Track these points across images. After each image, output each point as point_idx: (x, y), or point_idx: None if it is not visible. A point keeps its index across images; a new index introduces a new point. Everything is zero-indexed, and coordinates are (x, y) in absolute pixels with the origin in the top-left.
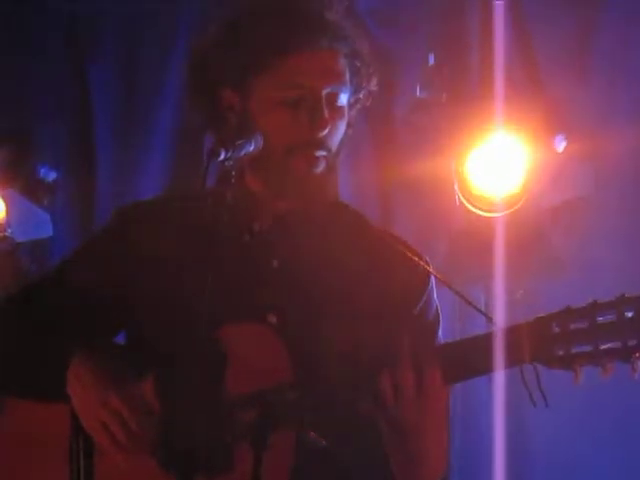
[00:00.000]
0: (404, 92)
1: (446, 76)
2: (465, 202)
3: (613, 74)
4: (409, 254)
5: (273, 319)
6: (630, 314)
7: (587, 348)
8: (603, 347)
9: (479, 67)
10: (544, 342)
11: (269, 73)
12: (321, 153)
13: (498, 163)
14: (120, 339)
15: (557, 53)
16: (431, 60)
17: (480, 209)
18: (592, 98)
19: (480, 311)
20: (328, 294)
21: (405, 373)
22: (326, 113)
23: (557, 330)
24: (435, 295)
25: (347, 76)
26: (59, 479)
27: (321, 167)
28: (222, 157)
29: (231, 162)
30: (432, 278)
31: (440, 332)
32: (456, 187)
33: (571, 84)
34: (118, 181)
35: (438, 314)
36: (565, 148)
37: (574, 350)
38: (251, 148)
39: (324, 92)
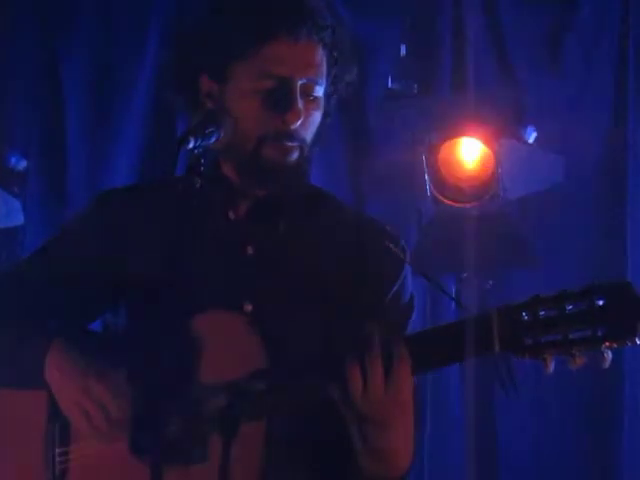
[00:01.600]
0: (376, 82)
1: (417, 67)
2: (436, 192)
3: (584, 64)
4: (385, 239)
5: (248, 307)
6: (600, 303)
7: (557, 337)
8: (573, 336)
9: (450, 58)
10: (513, 331)
11: (246, 62)
12: (294, 143)
13: (469, 153)
14: (96, 327)
15: (528, 43)
16: (403, 51)
17: (451, 199)
18: (563, 89)
19: (451, 297)
20: (303, 281)
21: (374, 360)
22: (300, 104)
23: (526, 319)
24: (410, 281)
25: (324, 67)
26: (35, 466)
27: (294, 157)
28: (191, 145)
29: (200, 150)
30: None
31: (411, 320)
32: (427, 177)
33: (542, 75)
34: (89, 169)
35: (412, 300)
36: (535, 139)
37: (544, 339)
38: (221, 136)
39: (299, 83)
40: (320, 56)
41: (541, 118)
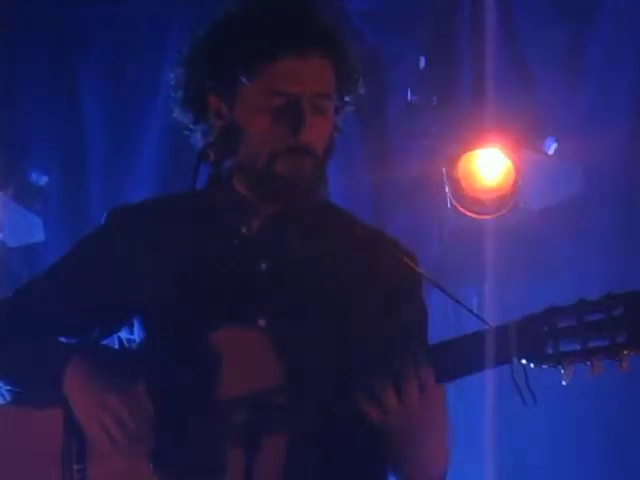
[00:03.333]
0: (395, 95)
1: (437, 79)
2: (457, 205)
3: (603, 75)
4: (399, 254)
5: (262, 322)
6: (618, 311)
7: (576, 346)
8: (592, 345)
9: (470, 70)
10: (533, 341)
11: (254, 79)
12: (306, 158)
13: (489, 165)
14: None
15: (548, 55)
16: (422, 63)
17: (472, 212)
18: (582, 100)
19: (471, 311)
20: (316, 296)
21: (409, 375)
22: (309, 119)
23: (546, 329)
24: (424, 295)
25: (333, 81)
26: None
27: (306, 172)
28: (211, 160)
29: (220, 166)
30: (421, 277)
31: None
32: (447, 190)
33: (561, 86)
34: (109, 185)
35: (426, 314)
36: (555, 150)
37: (563, 348)
38: (237, 153)
39: (309, 98)
40: (328, 70)
41: (560, 129)
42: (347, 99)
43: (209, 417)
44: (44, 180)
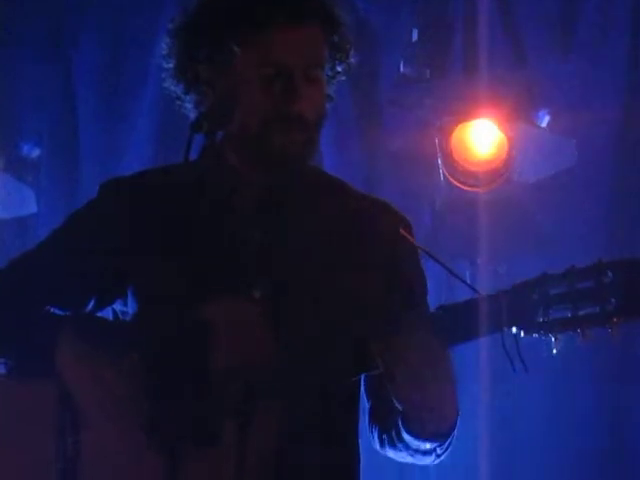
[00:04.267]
0: (387, 67)
1: (429, 51)
2: (449, 177)
3: (596, 47)
4: (397, 223)
5: (257, 293)
6: (608, 279)
7: (566, 314)
8: (582, 312)
9: (462, 42)
10: (524, 308)
11: (246, 49)
12: (298, 127)
13: (482, 138)
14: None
15: (540, 27)
16: (414, 36)
17: (464, 184)
18: (575, 72)
19: (462, 280)
20: (310, 265)
21: (408, 340)
22: (302, 89)
23: (536, 296)
24: (420, 260)
25: (325, 51)
26: (43, 455)
27: (299, 141)
28: (204, 130)
29: (213, 136)
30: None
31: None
32: (440, 162)
33: (554, 58)
34: (102, 157)
35: (424, 279)
36: (548, 123)
37: (553, 316)
38: (230, 124)
39: (301, 68)
40: (320, 40)
41: (554, 102)
42: (339, 69)
43: (203, 388)
44: (36, 152)
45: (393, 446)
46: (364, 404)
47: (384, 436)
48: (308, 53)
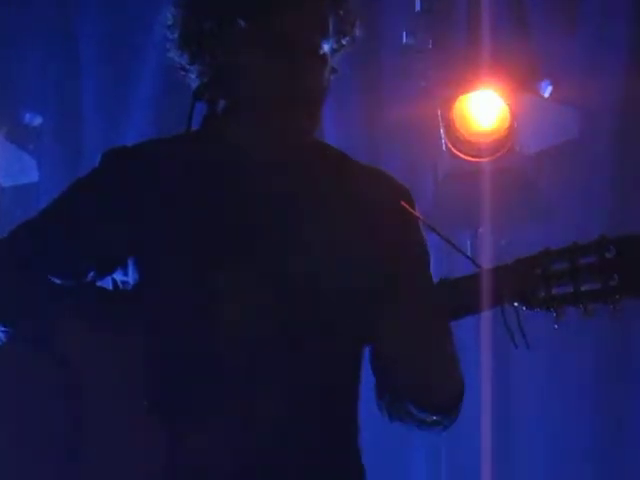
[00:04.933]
0: (390, 38)
1: (432, 22)
2: (451, 147)
3: (599, 16)
4: (397, 195)
5: (261, 267)
6: (610, 255)
7: (568, 289)
8: (584, 288)
9: (465, 12)
10: (526, 283)
11: (252, 23)
12: (301, 102)
13: (484, 108)
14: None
15: None
16: (417, 6)
17: (466, 154)
18: (578, 43)
19: (464, 254)
20: (313, 238)
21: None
22: (307, 61)
23: (538, 271)
24: (422, 232)
25: (330, 25)
26: (47, 419)
27: (301, 115)
28: (206, 98)
29: (216, 104)
30: (416, 209)
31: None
32: (442, 132)
33: (557, 29)
34: (104, 125)
35: (427, 248)
36: (551, 93)
37: (555, 291)
38: (232, 94)
39: (306, 42)
40: (324, 14)
41: (557, 72)
42: (344, 42)
43: (207, 360)
44: (38, 120)
45: (400, 418)
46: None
47: (391, 409)
48: (313, 27)
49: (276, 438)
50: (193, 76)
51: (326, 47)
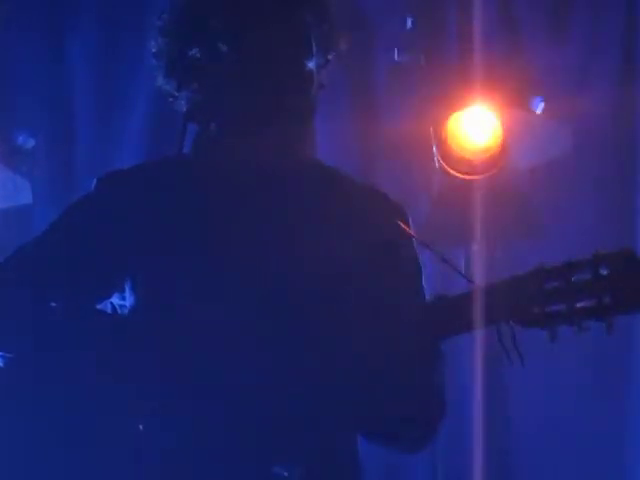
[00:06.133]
0: (382, 56)
1: (424, 39)
2: (444, 165)
3: (591, 34)
4: (392, 214)
5: (261, 292)
6: (604, 272)
7: (562, 307)
8: (579, 305)
9: (457, 29)
10: (520, 301)
11: (236, 48)
12: (290, 121)
13: (477, 125)
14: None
15: (535, 14)
16: (409, 24)
17: (459, 172)
18: (570, 59)
19: (458, 271)
20: (309, 255)
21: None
22: (293, 82)
23: (532, 290)
24: (416, 249)
25: (314, 42)
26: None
27: (291, 131)
28: (197, 120)
29: (208, 125)
30: (411, 226)
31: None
32: (435, 150)
33: (549, 45)
34: (97, 148)
35: (420, 267)
36: (543, 109)
37: (549, 309)
38: (221, 117)
39: (290, 60)
40: (308, 31)
41: (549, 88)
42: (330, 57)
43: (207, 384)
44: (31, 143)
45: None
46: None
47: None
48: (296, 44)
49: (272, 443)
50: (182, 102)
51: (311, 64)
